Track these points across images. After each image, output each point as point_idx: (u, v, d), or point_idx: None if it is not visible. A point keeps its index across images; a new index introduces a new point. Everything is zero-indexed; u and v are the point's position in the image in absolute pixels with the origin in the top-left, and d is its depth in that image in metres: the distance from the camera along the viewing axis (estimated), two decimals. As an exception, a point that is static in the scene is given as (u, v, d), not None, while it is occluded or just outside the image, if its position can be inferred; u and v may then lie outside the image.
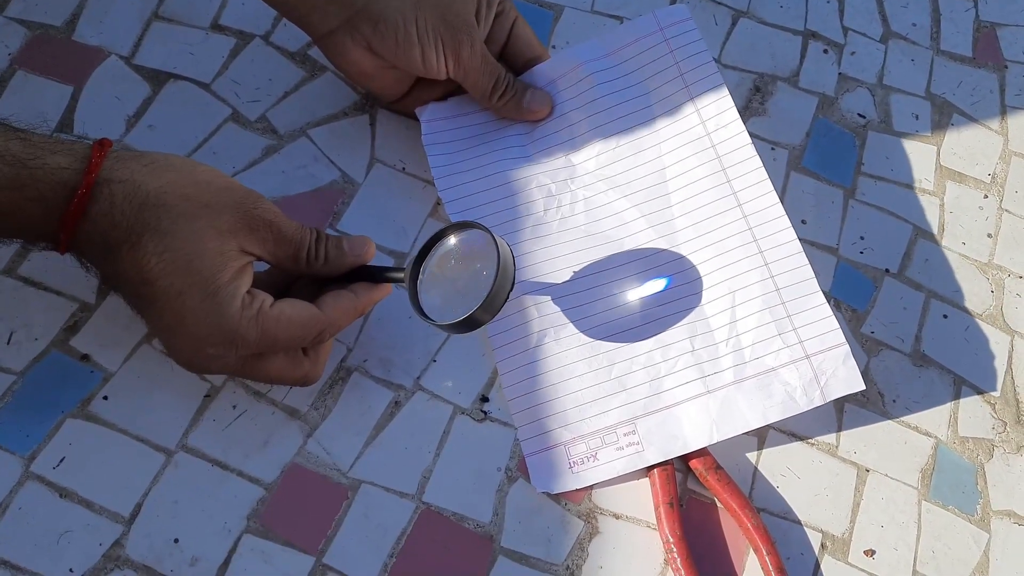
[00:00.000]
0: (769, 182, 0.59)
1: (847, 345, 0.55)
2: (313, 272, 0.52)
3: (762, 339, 0.56)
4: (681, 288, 0.58)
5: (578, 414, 0.56)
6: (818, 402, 0.55)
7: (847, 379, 0.55)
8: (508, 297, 0.51)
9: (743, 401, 0.55)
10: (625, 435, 0.55)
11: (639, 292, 0.58)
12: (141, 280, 0.47)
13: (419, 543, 0.52)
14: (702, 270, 0.58)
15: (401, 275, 0.53)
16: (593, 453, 0.55)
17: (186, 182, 0.49)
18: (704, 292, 0.58)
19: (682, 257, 0.59)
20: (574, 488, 0.54)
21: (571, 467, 0.55)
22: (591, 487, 0.55)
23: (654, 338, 0.57)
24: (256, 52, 0.66)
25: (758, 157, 0.60)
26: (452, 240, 0.53)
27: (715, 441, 0.54)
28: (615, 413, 0.55)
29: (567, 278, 0.59)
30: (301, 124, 0.63)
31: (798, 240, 0.58)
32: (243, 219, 0.49)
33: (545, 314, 0.58)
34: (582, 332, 0.57)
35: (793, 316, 0.56)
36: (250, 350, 0.49)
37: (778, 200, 0.59)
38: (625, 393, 0.56)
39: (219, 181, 0.50)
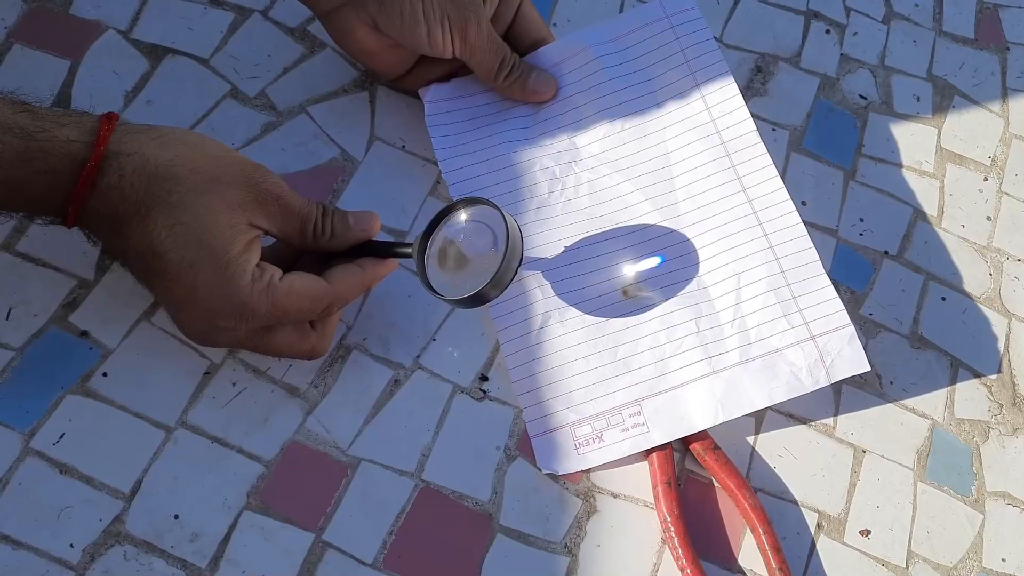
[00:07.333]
0: (773, 167, 0.60)
1: (852, 326, 0.55)
2: (319, 246, 0.53)
3: (767, 320, 0.56)
4: (686, 270, 0.58)
5: (583, 396, 0.56)
6: (823, 383, 0.55)
7: (852, 360, 0.55)
8: (517, 273, 0.51)
9: (748, 382, 0.55)
10: (630, 416, 0.55)
11: (643, 274, 0.58)
12: (151, 253, 0.47)
13: (418, 521, 0.52)
14: (706, 253, 0.58)
15: (409, 250, 0.53)
16: (598, 434, 0.55)
17: (195, 155, 0.49)
18: (708, 274, 0.58)
19: (686, 240, 0.59)
20: (579, 470, 0.54)
21: (576, 448, 0.55)
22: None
23: (659, 320, 0.57)
24: (255, 27, 0.65)
25: (763, 143, 0.60)
26: (460, 215, 0.53)
27: (720, 422, 0.55)
28: (620, 395, 0.56)
29: (571, 260, 0.59)
30: (300, 101, 0.63)
31: (802, 223, 0.58)
32: (252, 193, 0.49)
33: (549, 296, 0.58)
34: (586, 314, 0.57)
35: (798, 298, 0.56)
36: (260, 323, 0.50)
37: (782, 185, 0.59)
38: (630, 375, 0.56)
39: (228, 155, 0.50)
